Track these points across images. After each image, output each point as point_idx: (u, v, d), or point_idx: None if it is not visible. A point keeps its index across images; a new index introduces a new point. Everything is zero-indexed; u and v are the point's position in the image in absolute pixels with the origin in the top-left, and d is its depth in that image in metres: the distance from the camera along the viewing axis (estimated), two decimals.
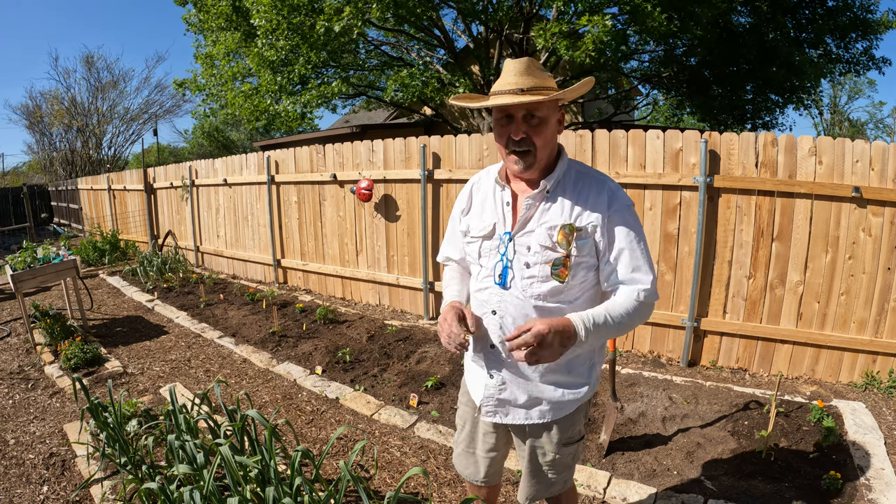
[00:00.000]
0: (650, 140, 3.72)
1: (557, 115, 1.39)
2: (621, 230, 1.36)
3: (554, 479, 1.59)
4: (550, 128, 1.36)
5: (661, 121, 14.64)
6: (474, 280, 1.53)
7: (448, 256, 1.67)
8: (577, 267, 1.37)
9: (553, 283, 1.37)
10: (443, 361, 3.90)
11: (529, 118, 1.33)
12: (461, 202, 1.59)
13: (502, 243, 1.42)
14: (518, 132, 1.33)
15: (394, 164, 5.11)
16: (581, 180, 1.41)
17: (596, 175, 1.43)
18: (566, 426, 1.51)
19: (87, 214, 12.05)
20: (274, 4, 7.77)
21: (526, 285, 1.39)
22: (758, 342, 3.64)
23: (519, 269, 1.40)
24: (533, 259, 1.38)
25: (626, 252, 1.36)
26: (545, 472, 1.57)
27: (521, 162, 1.36)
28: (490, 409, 1.52)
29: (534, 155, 1.35)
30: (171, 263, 7.37)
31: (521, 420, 1.50)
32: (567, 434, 1.52)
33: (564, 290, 1.38)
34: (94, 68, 21.77)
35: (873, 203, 3.19)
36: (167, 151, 31.98)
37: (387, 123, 13.80)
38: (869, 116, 31.77)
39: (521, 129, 1.33)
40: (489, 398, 1.51)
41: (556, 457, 1.54)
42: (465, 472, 1.72)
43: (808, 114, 27.60)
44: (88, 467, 2.66)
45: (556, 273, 1.37)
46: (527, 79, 1.31)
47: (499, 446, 1.65)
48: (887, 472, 2.42)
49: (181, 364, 4.19)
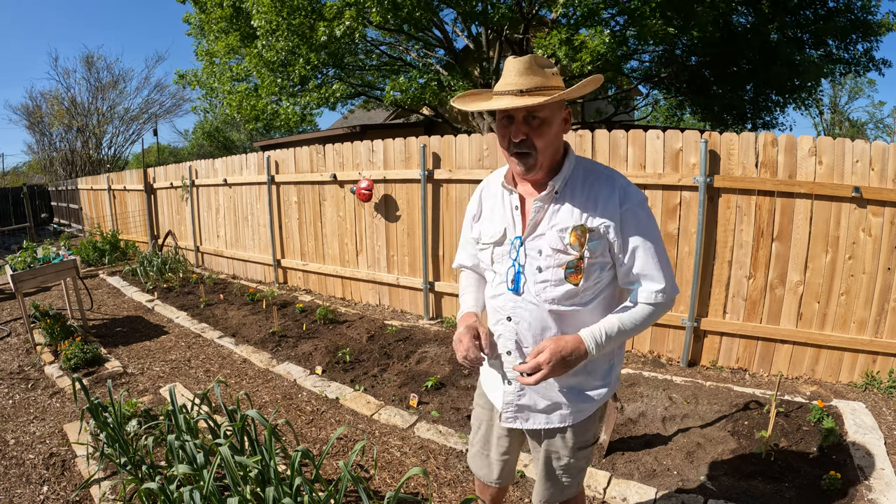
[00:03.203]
0: (650, 140, 3.72)
1: (562, 114, 1.34)
2: (635, 228, 1.33)
3: (568, 483, 1.57)
4: (553, 128, 1.32)
5: (661, 121, 14.64)
6: (489, 287, 1.50)
7: (461, 264, 1.66)
8: (591, 268, 1.34)
9: (567, 287, 1.34)
10: (443, 361, 3.90)
11: (531, 119, 1.29)
12: (472, 208, 1.57)
13: (514, 248, 1.40)
14: (518, 134, 1.30)
15: (394, 164, 5.11)
16: (590, 178, 1.36)
17: (605, 172, 1.39)
18: (583, 430, 1.49)
19: (87, 214, 12.05)
20: (274, 6, 7.78)
21: (539, 290, 1.37)
22: (758, 342, 3.64)
23: (531, 274, 1.37)
24: (545, 263, 1.35)
25: (640, 250, 1.33)
26: (559, 476, 1.55)
27: (521, 164, 1.33)
28: (510, 415, 1.50)
29: (535, 157, 1.31)
30: (171, 263, 7.37)
31: (542, 425, 1.48)
32: (583, 438, 1.50)
33: (579, 292, 1.36)
34: (94, 68, 21.79)
35: (873, 203, 3.19)
36: (167, 151, 31.98)
37: (387, 123, 13.80)
38: (869, 116, 31.81)
39: (521, 130, 1.30)
40: (508, 404, 1.49)
41: (571, 461, 1.52)
42: (479, 472, 1.74)
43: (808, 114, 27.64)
44: (88, 467, 2.65)
45: (569, 276, 1.34)
46: (528, 79, 1.26)
47: (512, 449, 1.65)
48: (887, 472, 2.42)
49: (181, 364, 4.19)
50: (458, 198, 4.70)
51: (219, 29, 9.71)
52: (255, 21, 8.13)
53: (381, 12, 7.14)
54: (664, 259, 1.35)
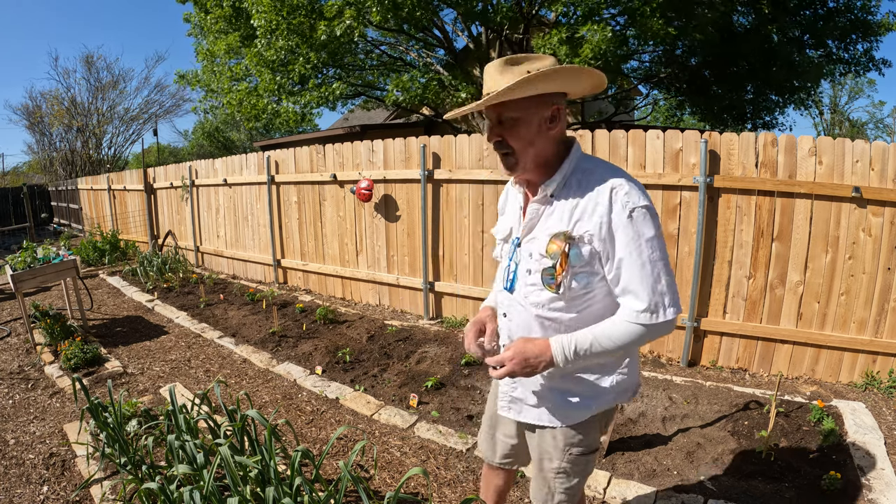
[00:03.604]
0: (650, 140, 3.72)
1: (543, 111, 1.27)
2: (622, 238, 1.22)
3: (558, 490, 1.50)
4: (529, 127, 1.27)
5: (661, 121, 14.65)
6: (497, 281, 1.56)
7: (495, 255, 1.69)
8: (577, 277, 1.28)
9: (549, 293, 1.32)
10: (443, 361, 3.90)
11: (504, 120, 1.28)
12: (500, 203, 1.61)
13: (513, 247, 1.42)
14: (492, 136, 1.30)
15: (394, 164, 5.11)
16: (585, 181, 1.29)
17: (600, 173, 1.29)
18: (573, 435, 1.44)
19: (87, 214, 12.05)
20: (274, 5, 7.78)
21: (528, 292, 1.37)
22: (758, 342, 3.64)
23: (522, 276, 1.37)
24: (534, 266, 1.34)
25: (624, 263, 1.23)
26: (550, 479, 1.51)
27: (504, 163, 1.33)
28: (504, 404, 1.55)
29: (514, 156, 1.29)
30: (171, 263, 7.37)
31: (534, 420, 1.49)
32: (572, 442, 1.45)
33: (563, 299, 1.32)
34: (93, 68, 21.79)
35: (873, 203, 3.19)
36: (167, 151, 31.98)
37: (387, 123, 13.80)
38: (869, 116, 31.79)
39: (494, 132, 1.30)
40: (504, 395, 1.54)
41: (563, 465, 1.47)
42: (485, 453, 1.79)
43: (808, 114, 27.63)
44: (88, 467, 2.65)
45: (548, 284, 1.31)
46: (498, 79, 1.23)
47: (517, 434, 1.67)
48: (887, 472, 2.42)
49: (181, 364, 4.19)
50: (458, 198, 4.71)
51: (218, 29, 9.71)
52: (254, 20, 8.14)
53: (381, 11, 7.14)
54: (657, 274, 1.21)
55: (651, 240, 1.22)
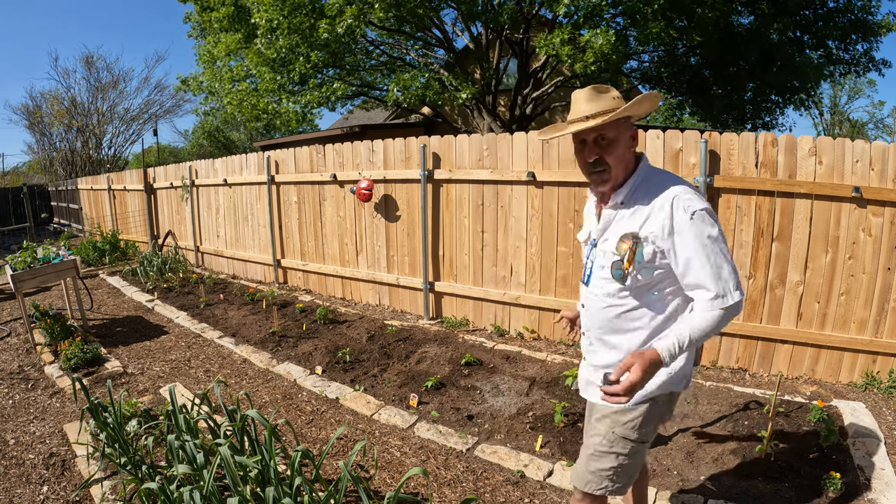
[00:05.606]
0: (650, 140, 3.72)
1: (629, 132, 1.53)
2: (687, 237, 1.41)
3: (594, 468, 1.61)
4: (621, 145, 1.50)
5: (661, 121, 14.64)
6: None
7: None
8: (640, 272, 1.49)
9: (616, 284, 1.54)
10: (443, 361, 3.90)
11: (600, 140, 1.49)
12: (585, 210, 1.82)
13: (591, 248, 1.66)
14: (591, 154, 1.50)
15: (394, 164, 5.11)
16: (651, 190, 1.50)
17: (660, 182, 1.50)
18: (618, 418, 1.59)
19: (87, 214, 12.05)
20: (275, 4, 7.78)
21: (600, 284, 1.59)
22: (758, 342, 3.64)
23: (597, 270, 1.61)
24: (606, 262, 1.56)
25: (691, 259, 1.41)
26: (590, 453, 1.63)
27: (597, 179, 1.53)
28: (580, 385, 1.77)
29: (609, 172, 1.50)
30: (171, 263, 7.37)
31: (594, 398, 1.66)
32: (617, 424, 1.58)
33: (629, 290, 1.53)
34: (93, 68, 21.77)
35: (873, 203, 3.19)
36: (167, 151, 31.98)
37: (387, 123, 13.80)
38: (869, 116, 31.75)
39: (593, 151, 1.50)
40: (579, 376, 1.78)
41: (603, 441, 1.60)
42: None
43: (808, 114, 27.64)
44: (88, 467, 2.66)
45: (616, 276, 1.54)
46: (591, 105, 1.47)
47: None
48: (887, 472, 2.42)
49: (181, 364, 4.19)
50: (458, 198, 4.71)
51: (219, 28, 9.71)
52: (255, 19, 8.13)
53: (383, 7, 7.13)
54: (721, 266, 1.40)
55: (712, 236, 1.41)
